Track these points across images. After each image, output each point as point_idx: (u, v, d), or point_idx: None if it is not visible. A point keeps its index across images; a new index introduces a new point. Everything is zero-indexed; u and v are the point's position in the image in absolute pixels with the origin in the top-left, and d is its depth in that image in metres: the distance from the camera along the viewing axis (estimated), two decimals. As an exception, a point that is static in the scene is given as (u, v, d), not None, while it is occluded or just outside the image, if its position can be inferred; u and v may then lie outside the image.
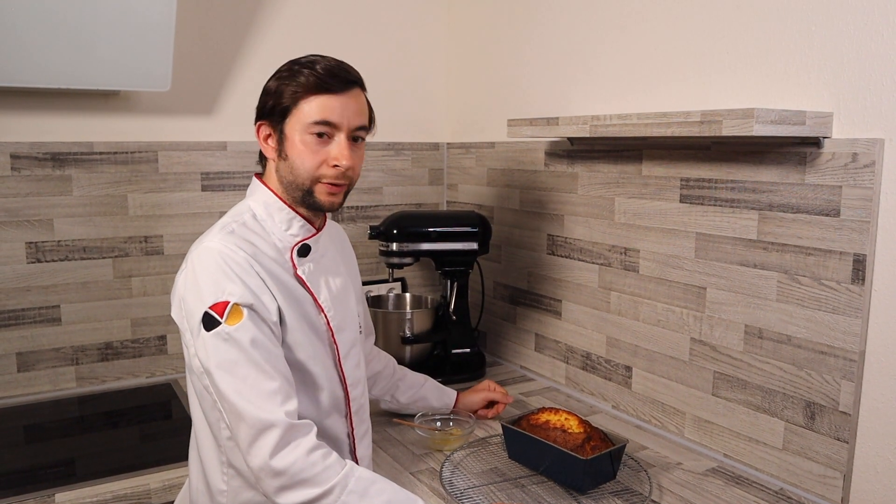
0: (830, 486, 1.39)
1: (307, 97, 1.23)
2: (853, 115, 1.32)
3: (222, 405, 1.14)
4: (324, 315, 1.31)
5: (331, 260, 1.38)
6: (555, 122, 1.72)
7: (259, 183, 1.33)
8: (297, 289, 1.27)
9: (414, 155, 2.49)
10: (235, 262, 1.18)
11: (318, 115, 1.23)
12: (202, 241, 1.22)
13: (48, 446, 1.68)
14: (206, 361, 1.15)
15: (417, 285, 2.53)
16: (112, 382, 2.06)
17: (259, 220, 1.29)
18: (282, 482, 1.11)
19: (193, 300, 1.17)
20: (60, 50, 1.69)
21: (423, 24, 2.46)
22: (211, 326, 1.14)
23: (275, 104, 1.25)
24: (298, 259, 1.29)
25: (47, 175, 1.92)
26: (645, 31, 1.73)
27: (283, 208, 1.29)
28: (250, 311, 1.16)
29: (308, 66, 1.24)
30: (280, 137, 1.26)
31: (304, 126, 1.24)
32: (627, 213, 1.78)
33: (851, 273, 1.33)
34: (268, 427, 1.11)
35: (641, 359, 1.78)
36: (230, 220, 1.27)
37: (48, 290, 1.95)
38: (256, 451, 1.11)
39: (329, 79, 1.23)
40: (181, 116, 2.09)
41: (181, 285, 1.21)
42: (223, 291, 1.15)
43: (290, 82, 1.24)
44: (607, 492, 1.42)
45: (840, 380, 1.36)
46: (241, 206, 1.32)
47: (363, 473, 1.16)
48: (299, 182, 1.27)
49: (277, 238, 1.28)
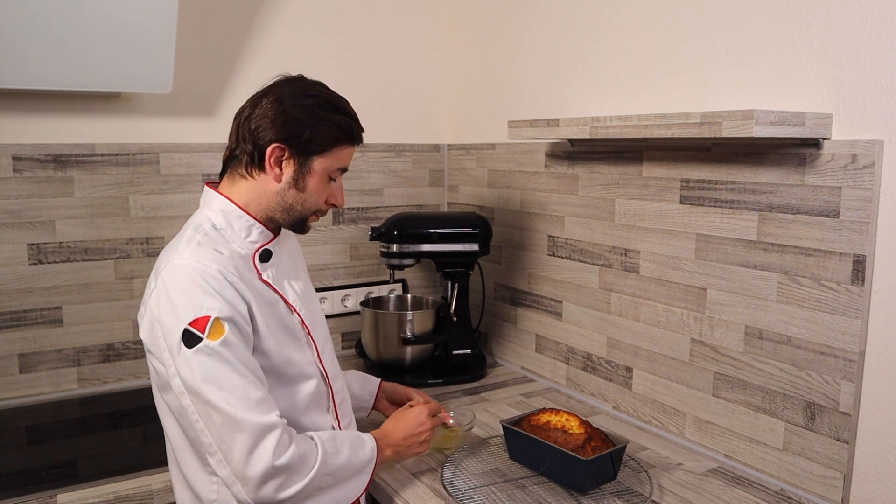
0: (831, 486, 1.39)
1: (344, 146, 1.30)
2: (853, 116, 1.33)
3: (213, 419, 1.14)
4: (297, 314, 1.33)
5: (288, 263, 1.40)
6: (555, 123, 1.72)
7: (214, 192, 1.32)
8: (267, 292, 1.29)
9: (414, 156, 2.50)
10: (210, 275, 1.17)
11: (344, 163, 1.33)
12: (170, 259, 1.21)
13: (50, 447, 1.68)
14: (190, 379, 1.14)
15: (418, 286, 2.53)
16: (114, 383, 2.06)
17: (219, 229, 1.28)
18: (282, 479, 1.14)
19: (169, 318, 1.16)
20: (62, 52, 1.70)
21: (423, 26, 2.47)
22: (192, 343, 1.13)
23: (311, 139, 1.26)
24: (261, 264, 1.30)
25: (49, 177, 1.92)
26: (645, 33, 1.73)
27: (241, 216, 1.29)
28: (230, 323, 1.16)
29: (344, 112, 1.30)
30: (303, 170, 1.28)
31: (330, 169, 1.31)
32: (628, 214, 1.79)
33: (851, 274, 1.33)
34: (269, 431, 1.13)
35: (642, 360, 1.78)
36: (193, 232, 1.25)
37: (50, 291, 1.95)
38: (258, 457, 1.12)
39: (360, 132, 1.33)
40: (182, 118, 2.10)
41: (154, 305, 1.19)
42: (201, 307, 1.15)
43: (328, 124, 1.27)
44: (608, 492, 1.42)
45: (840, 380, 1.36)
46: (198, 216, 1.30)
47: (324, 435, 1.26)
48: (304, 213, 1.33)
49: (238, 246, 1.29)
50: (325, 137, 1.26)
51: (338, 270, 2.38)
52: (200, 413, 1.15)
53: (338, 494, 1.25)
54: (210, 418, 1.14)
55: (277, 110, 1.25)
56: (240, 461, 1.13)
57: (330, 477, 1.22)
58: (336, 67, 2.31)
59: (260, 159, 1.27)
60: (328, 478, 1.21)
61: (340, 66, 2.32)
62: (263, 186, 1.29)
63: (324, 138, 1.26)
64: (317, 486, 1.19)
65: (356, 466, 1.28)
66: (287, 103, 1.25)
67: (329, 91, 1.32)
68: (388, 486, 1.46)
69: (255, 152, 1.27)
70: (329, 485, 1.22)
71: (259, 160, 1.27)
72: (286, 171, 1.28)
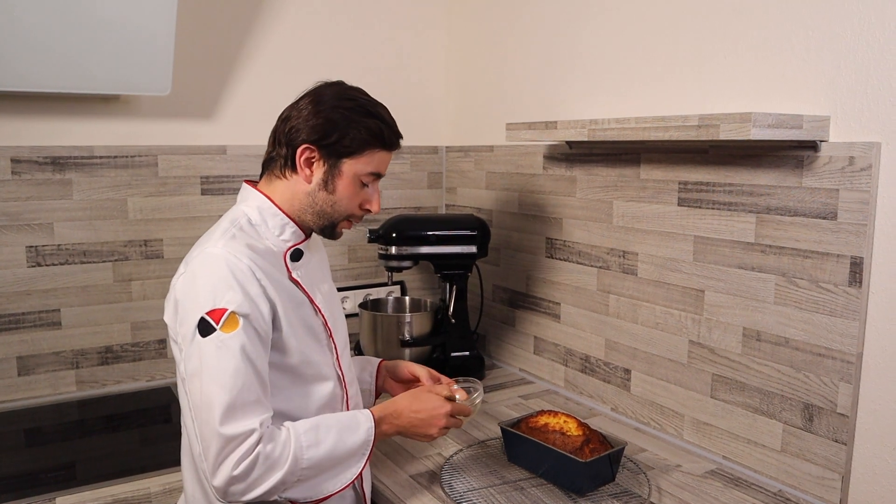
0: (829, 487, 1.40)
1: (375, 150, 1.30)
2: (850, 118, 1.33)
3: (201, 412, 1.14)
4: (321, 316, 1.33)
5: (317, 266, 1.40)
6: (553, 125, 1.72)
7: (252, 189, 1.33)
8: (295, 292, 1.29)
9: (413, 158, 2.50)
10: (238, 269, 1.18)
11: (376, 167, 1.32)
12: (203, 247, 1.22)
13: (49, 450, 1.68)
14: (194, 366, 1.15)
15: (416, 288, 2.53)
16: (112, 386, 2.06)
17: (254, 225, 1.30)
18: (245, 484, 1.13)
19: (190, 305, 1.18)
20: (61, 54, 1.70)
21: (422, 28, 2.47)
22: (207, 332, 1.14)
23: (339, 141, 1.26)
24: (292, 263, 1.31)
25: (47, 179, 1.92)
26: (643, 36, 1.74)
27: (276, 214, 1.31)
28: (245, 320, 1.16)
29: (378, 117, 1.29)
30: (333, 172, 1.29)
31: (361, 173, 1.30)
32: (626, 216, 1.79)
33: (849, 276, 1.34)
34: (241, 441, 1.12)
35: (640, 361, 1.79)
36: (229, 224, 1.27)
37: (48, 293, 1.95)
38: (223, 469, 1.12)
39: (394, 137, 1.32)
40: (181, 120, 2.10)
41: (179, 289, 1.21)
42: (221, 298, 1.16)
43: (359, 127, 1.27)
44: (606, 494, 1.42)
45: (838, 382, 1.37)
46: (235, 211, 1.32)
47: (305, 426, 1.22)
48: (334, 217, 1.33)
49: (271, 243, 1.30)
50: (355, 140, 1.27)
51: (336, 272, 2.38)
52: (194, 400, 1.16)
53: (326, 483, 1.23)
54: (199, 410, 1.15)
55: (311, 112, 1.27)
56: (209, 466, 1.14)
57: (310, 470, 1.19)
58: (334, 70, 2.31)
59: (292, 160, 1.29)
60: (307, 471, 1.18)
61: (339, 69, 2.32)
62: (296, 187, 1.30)
63: (353, 141, 1.27)
64: (294, 481, 1.17)
65: (346, 453, 1.24)
66: (321, 106, 1.27)
67: (366, 96, 1.32)
68: (387, 489, 1.46)
69: (288, 154, 1.29)
70: (312, 476, 1.20)
71: (291, 161, 1.29)
72: (316, 173, 1.29)
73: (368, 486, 1.44)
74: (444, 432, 1.38)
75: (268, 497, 1.16)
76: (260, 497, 1.15)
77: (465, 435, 1.71)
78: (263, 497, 1.15)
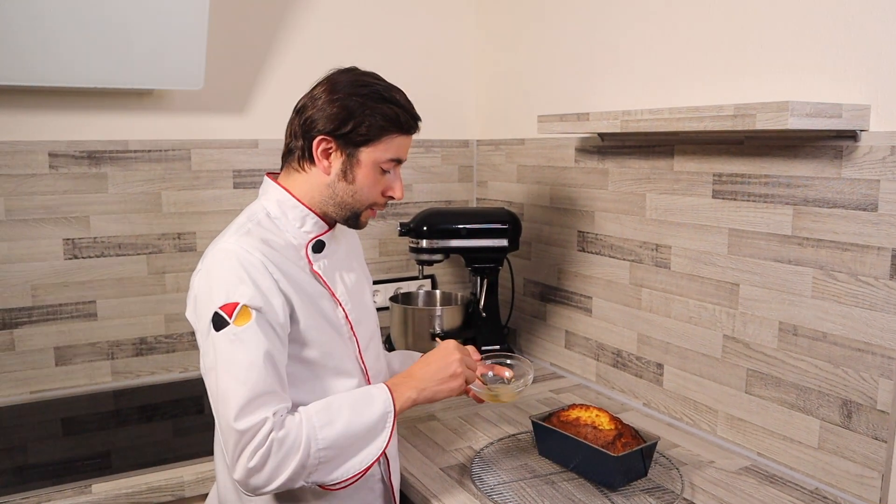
0: (868, 486, 1.36)
1: (392, 135, 1.28)
2: (892, 107, 1.30)
3: (218, 406, 1.15)
4: (342, 309, 1.32)
5: (344, 255, 1.39)
6: (585, 117, 1.71)
7: (272, 182, 1.33)
8: (314, 285, 1.28)
9: (444, 152, 2.50)
10: (250, 263, 1.18)
11: (396, 153, 1.30)
12: (217, 243, 1.23)
13: (85, 439, 1.71)
14: (210, 360, 1.16)
15: (447, 282, 2.53)
16: (146, 377, 2.09)
17: (273, 218, 1.30)
18: (265, 474, 1.12)
19: (205, 300, 1.18)
20: (96, 50, 1.73)
21: (451, 21, 2.46)
22: (220, 326, 1.15)
23: (355, 129, 1.25)
24: (313, 255, 1.30)
25: (84, 173, 1.95)
26: (675, 24, 1.71)
27: (296, 206, 1.30)
28: (258, 313, 1.16)
29: (394, 102, 1.28)
30: (351, 161, 1.28)
31: (380, 160, 1.29)
32: (659, 208, 1.76)
33: (890, 269, 1.30)
34: (253, 435, 1.11)
35: (673, 356, 1.76)
36: (245, 220, 1.27)
37: (84, 285, 1.99)
38: (240, 462, 1.11)
39: (412, 121, 1.30)
40: (213, 115, 2.12)
41: (196, 286, 1.22)
42: (234, 292, 1.16)
43: (374, 113, 1.25)
44: (639, 489, 1.41)
45: (878, 377, 1.33)
46: (254, 205, 1.32)
47: (317, 407, 1.19)
48: (356, 206, 1.32)
49: (292, 235, 1.29)
50: (371, 128, 1.25)
51: (367, 266, 2.37)
52: (212, 394, 1.17)
53: (350, 461, 1.20)
54: (216, 404, 1.15)
55: (326, 101, 1.26)
56: (230, 461, 1.14)
57: (329, 450, 1.16)
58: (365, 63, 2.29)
59: (309, 152, 1.28)
60: (326, 451, 1.16)
61: (369, 63, 2.30)
62: (315, 179, 1.30)
63: (370, 129, 1.25)
64: (315, 464, 1.15)
65: (364, 427, 1.21)
66: (335, 95, 1.26)
67: (382, 81, 1.31)
68: (417, 482, 1.46)
69: (305, 145, 1.28)
70: (333, 456, 1.17)
71: (309, 153, 1.28)
72: (334, 164, 1.28)
73: (397, 478, 1.44)
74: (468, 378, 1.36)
75: (292, 484, 1.15)
76: (284, 485, 1.14)
77: (495, 428, 1.71)
78: (288, 485, 1.15)
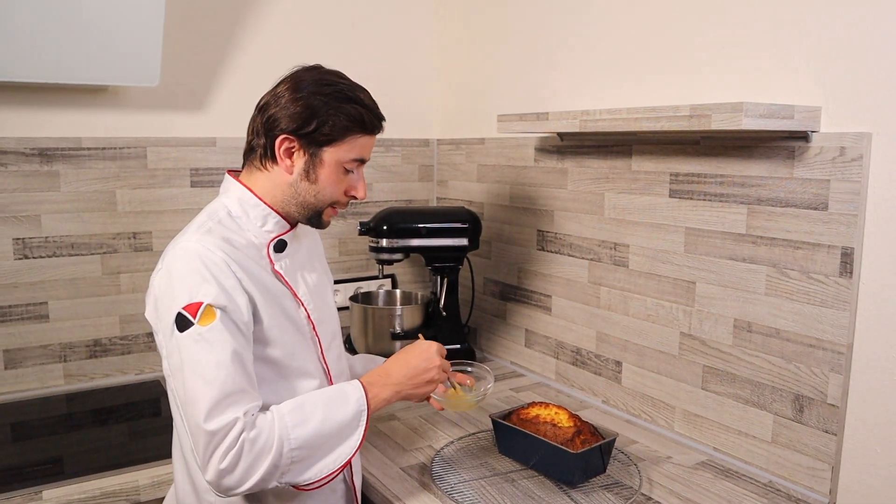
0: (819, 478, 1.40)
1: (356, 135, 1.27)
2: (841, 109, 1.33)
3: (187, 408, 1.12)
4: (304, 309, 1.31)
5: (305, 255, 1.38)
6: (545, 117, 1.72)
7: (233, 180, 1.31)
8: (276, 284, 1.27)
9: (404, 151, 2.49)
10: (212, 262, 1.17)
11: (360, 153, 1.29)
12: (178, 242, 1.21)
13: (36, 444, 1.67)
14: (175, 362, 1.14)
15: (407, 282, 2.52)
16: (101, 380, 2.05)
17: (234, 217, 1.28)
18: (237, 475, 1.11)
19: (167, 301, 1.16)
20: (48, 44, 1.68)
21: (412, 20, 2.46)
22: (184, 327, 1.13)
23: (318, 129, 1.24)
24: (275, 255, 1.29)
25: (35, 170, 1.90)
26: (635, 27, 1.73)
27: (258, 205, 1.28)
28: (223, 312, 1.15)
29: (358, 102, 1.27)
30: (314, 161, 1.26)
31: (343, 160, 1.28)
32: (617, 208, 1.79)
33: (839, 266, 1.34)
34: (224, 435, 1.10)
35: (631, 353, 1.78)
36: (206, 218, 1.25)
37: (35, 286, 1.93)
38: (211, 464, 1.10)
39: (376, 121, 1.30)
40: (170, 112, 2.08)
41: (156, 285, 1.20)
42: (197, 292, 1.14)
43: (338, 113, 1.24)
44: (598, 486, 1.42)
45: (828, 372, 1.37)
46: (215, 204, 1.30)
47: (289, 406, 1.18)
48: (318, 206, 1.30)
49: (253, 235, 1.28)
50: (335, 127, 1.24)
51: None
52: (179, 397, 1.14)
53: (323, 461, 1.19)
54: (185, 406, 1.13)
55: (289, 99, 1.24)
56: (200, 463, 1.12)
57: (301, 450, 1.15)
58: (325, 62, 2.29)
59: (272, 151, 1.26)
60: (299, 451, 1.15)
61: (329, 62, 2.29)
62: (278, 178, 1.28)
63: (334, 129, 1.24)
64: (287, 463, 1.14)
65: (337, 426, 1.20)
66: (299, 93, 1.24)
67: (346, 80, 1.30)
68: (378, 481, 1.46)
69: (267, 144, 1.26)
70: (305, 456, 1.16)
71: (271, 152, 1.26)
72: (297, 163, 1.26)
73: (359, 478, 1.43)
74: (442, 378, 1.38)
75: (265, 485, 1.14)
76: (257, 486, 1.13)
77: (455, 428, 1.71)
78: (261, 485, 1.13)
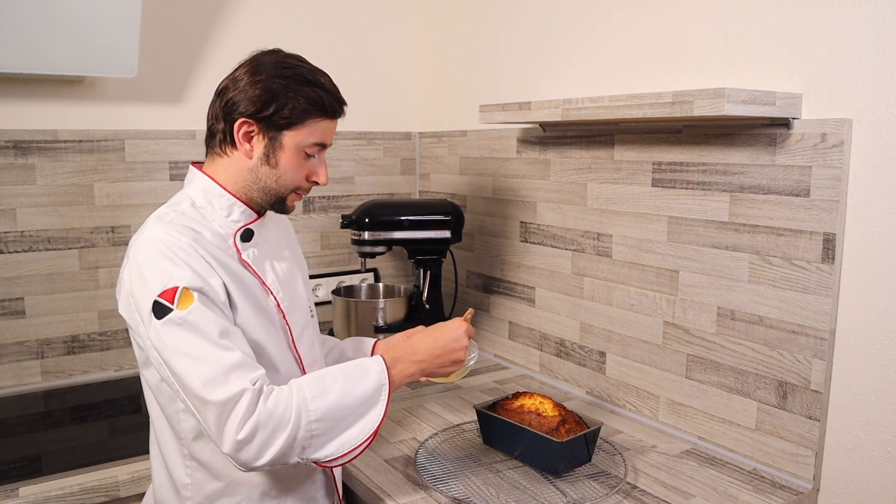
0: (803, 464, 1.40)
1: (316, 119, 1.25)
2: (822, 95, 1.34)
3: (187, 391, 1.11)
4: (273, 297, 1.29)
5: (274, 244, 1.35)
6: (527, 106, 1.71)
7: (197, 171, 1.29)
8: (244, 273, 1.25)
9: (386, 144, 2.48)
10: (179, 247, 1.15)
11: (320, 137, 1.27)
12: (141, 233, 1.19)
13: (12, 442, 1.63)
14: (162, 350, 1.12)
15: (390, 275, 2.51)
16: (79, 376, 2.01)
17: (198, 207, 1.26)
18: (256, 445, 1.09)
19: (141, 291, 1.14)
20: (24, 34, 1.65)
21: (393, 11, 2.44)
22: (162, 314, 1.11)
23: (277, 112, 1.22)
24: (241, 244, 1.27)
25: (9, 164, 1.87)
26: (616, 16, 1.73)
27: (222, 195, 1.26)
28: (200, 294, 1.13)
29: (318, 85, 1.25)
30: (273, 145, 1.24)
31: (303, 144, 1.25)
32: (600, 198, 1.78)
33: (822, 252, 1.34)
34: (234, 403, 1.08)
35: (615, 344, 1.78)
36: (167, 209, 1.23)
37: (11, 282, 1.90)
38: (226, 435, 1.08)
39: (337, 105, 1.27)
40: (148, 104, 2.05)
41: (126, 280, 1.18)
42: (170, 278, 1.12)
43: (297, 96, 1.22)
44: (583, 475, 1.42)
45: (811, 359, 1.37)
46: (178, 195, 1.28)
47: (308, 378, 1.17)
48: (280, 191, 1.28)
49: (218, 224, 1.25)
50: (294, 111, 1.22)
51: (309, 259, 2.35)
52: (178, 383, 1.12)
53: (345, 435, 1.17)
54: (186, 389, 1.11)
55: (248, 83, 1.22)
56: (214, 435, 1.10)
57: (321, 423, 1.14)
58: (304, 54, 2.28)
59: (231, 135, 1.24)
60: (318, 424, 1.13)
61: (309, 54, 2.27)
62: (238, 164, 1.26)
63: (293, 112, 1.22)
64: (307, 437, 1.13)
65: (357, 399, 1.18)
66: (258, 76, 1.22)
67: (306, 64, 1.28)
68: (361, 473, 1.44)
69: (226, 128, 1.24)
70: (326, 429, 1.15)
71: (230, 136, 1.24)
72: (256, 147, 1.24)
73: (339, 470, 1.42)
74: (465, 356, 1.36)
75: (286, 459, 1.12)
76: (277, 459, 1.11)
77: (439, 419, 1.70)
78: (281, 460, 1.11)
